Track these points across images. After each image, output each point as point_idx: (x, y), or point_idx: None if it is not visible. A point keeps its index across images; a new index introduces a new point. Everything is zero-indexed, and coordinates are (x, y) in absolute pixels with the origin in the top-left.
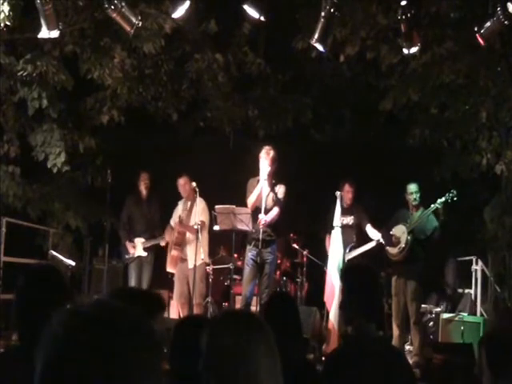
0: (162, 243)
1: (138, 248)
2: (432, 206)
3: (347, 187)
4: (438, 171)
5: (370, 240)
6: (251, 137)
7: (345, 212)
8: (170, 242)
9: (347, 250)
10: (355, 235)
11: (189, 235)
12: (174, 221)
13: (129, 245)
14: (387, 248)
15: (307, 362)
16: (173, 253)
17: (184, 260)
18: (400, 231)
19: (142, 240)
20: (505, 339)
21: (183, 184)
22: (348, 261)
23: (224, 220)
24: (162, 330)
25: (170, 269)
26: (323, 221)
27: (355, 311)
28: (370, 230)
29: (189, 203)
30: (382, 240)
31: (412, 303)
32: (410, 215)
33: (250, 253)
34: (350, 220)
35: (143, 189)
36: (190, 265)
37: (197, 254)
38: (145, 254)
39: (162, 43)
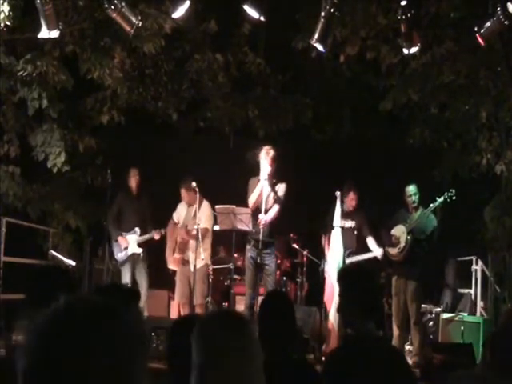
0: (156, 236)
1: (131, 245)
2: (431, 205)
3: (351, 195)
4: (439, 171)
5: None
6: (251, 137)
7: (346, 216)
8: (171, 241)
9: (346, 254)
10: (356, 240)
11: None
12: (177, 217)
13: (121, 240)
14: (387, 248)
15: (307, 362)
16: (176, 255)
17: (186, 262)
18: (400, 231)
19: (136, 237)
20: (510, 339)
21: (184, 195)
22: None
23: (224, 220)
24: (138, 322)
25: (171, 266)
26: (322, 221)
27: (353, 311)
28: (371, 244)
29: (193, 208)
30: (379, 257)
31: (412, 303)
32: (409, 215)
33: (249, 253)
34: (351, 224)
35: (134, 185)
36: (193, 267)
37: (197, 255)
38: (139, 250)
39: (162, 43)
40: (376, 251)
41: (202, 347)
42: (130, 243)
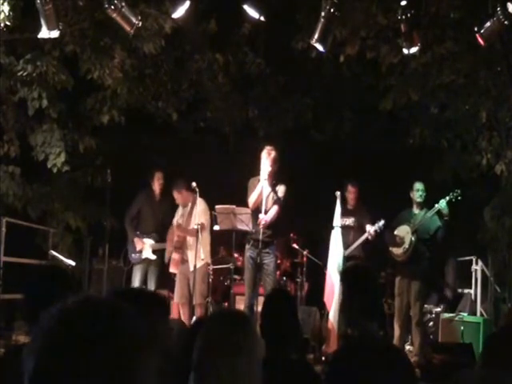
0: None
1: (146, 249)
2: (436, 205)
3: (349, 188)
4: (439, 172)
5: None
6: (251, 137)
7: (347, 213)
8: (171, 243)
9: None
10: (353, 235)
11: (189, 238)
12: (175, 222)
13: (137, 241)
14: (391, 249)
15: (307, 362)
16: (174, 256)
17: (185, 261)
18: (404, 231)
19: (152, 242)
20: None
21: (176, 196)
22: (348, 258)
23: (224, 220)
24: (166, 333)
25: (172, 270)
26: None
27: (357, 312)
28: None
29: (188, 206)
30: (371, 230)
31: (416, 304)
32: (413, 215)
33: (249, 252)
34: (351, 221)
35: (157, 188)
36: (192, 266)
37: (197, 255)
38: (153, 257)
39: (162, 43)
40: (369, 228)
41: (203, 345)
42: (145, 246)
